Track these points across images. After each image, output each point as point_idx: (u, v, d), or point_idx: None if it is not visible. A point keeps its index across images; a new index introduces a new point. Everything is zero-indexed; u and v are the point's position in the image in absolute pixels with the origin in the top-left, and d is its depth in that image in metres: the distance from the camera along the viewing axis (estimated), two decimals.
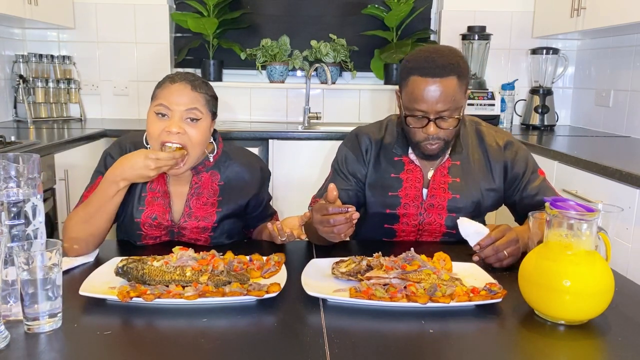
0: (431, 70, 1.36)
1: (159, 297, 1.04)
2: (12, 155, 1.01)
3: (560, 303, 0.97)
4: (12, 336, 0.91)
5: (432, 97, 1.36)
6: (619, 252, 1.84)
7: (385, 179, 1.53)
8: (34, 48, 3.38)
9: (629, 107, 2.95)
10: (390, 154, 1.55)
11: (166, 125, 1.36)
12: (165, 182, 1.47)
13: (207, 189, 1.48)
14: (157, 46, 3.44)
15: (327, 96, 3.59)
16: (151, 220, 1.44)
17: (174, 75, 1.42)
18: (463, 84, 1.40)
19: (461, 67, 1.39)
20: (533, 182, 1.52)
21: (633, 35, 2.91)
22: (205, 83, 1.43)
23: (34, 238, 1.01)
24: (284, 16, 3.56)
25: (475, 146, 1.55)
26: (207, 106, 1.41)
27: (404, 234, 1.55)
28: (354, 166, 1.56)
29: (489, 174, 1.53)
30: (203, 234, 1.48)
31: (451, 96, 1.37)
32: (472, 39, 3.32)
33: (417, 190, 1.52)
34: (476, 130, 1.56)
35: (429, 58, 1.38)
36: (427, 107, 1.38)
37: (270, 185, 1.65)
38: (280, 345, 0.91)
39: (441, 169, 1.52)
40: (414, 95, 1.38)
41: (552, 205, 1.03)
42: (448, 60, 1.37)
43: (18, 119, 3.22)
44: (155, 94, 1.41)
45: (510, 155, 1.53)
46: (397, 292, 1.07)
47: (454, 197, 1.50)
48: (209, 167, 1.49)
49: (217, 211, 1.47)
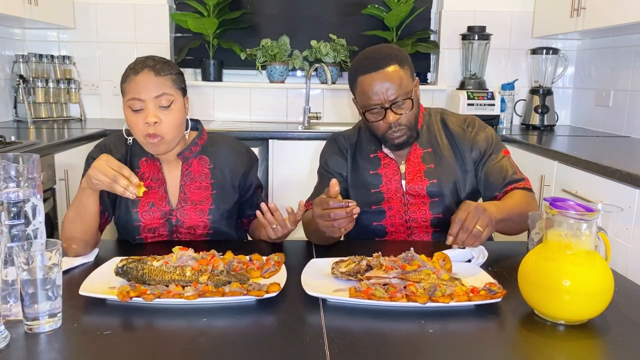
0: (371, 65, 1.46)
1: (158, 297, 1.04)
2: (12, 155, 1.01)
3: (560, 303, 0.97)
4: (12, 336, 0.91)
5: (380, 87, 1.45)
6: (618, 252, 1.84)
7: (365, 177, 1.60)
8: (34, 48, 3.38)
9: (629, 107, 2.95)
10: (366, 151, 1.62)
11: (143, 117, 1.40)
12: (159, 170, 1.51)
13: (198, 173, 1.53)
14: (157, 46, 3.43)
15: (327, 96, 3.59)
16: (149, 208, 1.47)
17: (135, 65, 1.44)
18: (406, 69, 1.47)
19: (398, 55, 1.48)
20: (495, 160, 1.57)
21: (633, 35, 2.91)
22: (167, 62, 1.45)
23: (34, 238, 1.01)
24: (284, 16, 3.56)
25: (441, 132, 1.61)
26: (174, 86, 1.44)
27: (392, 228, 1.57)
28: (336, 166, 1.64)
29: (458, 155, 1.59)
30: (201, 218, 1.50)
31: (398, 82, 1.45)
32: (472, 39, 3.32)
33: (396, 182, 1.57)
34: (441, 119, 1.63)
35: (367, 57, 1.49)
36: (379, 98, 1.45)
37: (270, 185, 1.67)
38: (280, 345, 0.91)
39: (413, 158, 1.57)
40: (364, 92, 1.47)
41: (552, 205, 1.03)
42: (385, 52, 1.48)
43: (18, 119, 3.22)
44: (123, 88, 1.44)
45: (472, 134, 1.59)
46: (396, 292, 1.07)
47: (431, 182, 1.55)
48: (196, 152, 1.53)
49: (211, 194, 1.52)
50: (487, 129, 1.61)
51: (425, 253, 1.22)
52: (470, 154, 1.58)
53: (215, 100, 3.53)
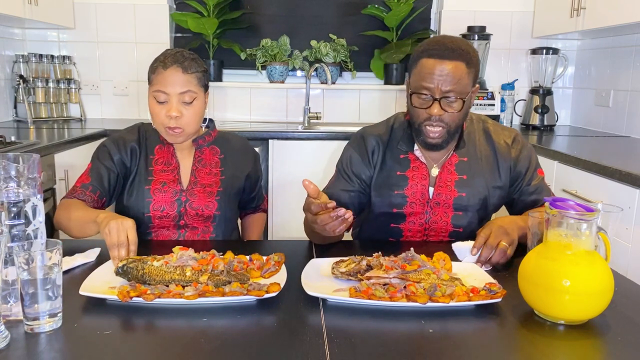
0: (440, 52, 1.39)
1: (159, 297, 1.04)
2: (12, 155, 1.01)
3: (560, 303, 0.97)
4: (12, 336, 0.91)
5: (438, 76, 1.38)
6: (618, 252, 1.84)
7: (391, 177, 1.53)
8: (34, 48, 3.38)
9: (629, 107, 2.95)
10: (396, 151, 1.55)
11: (166, 109, 1.50)
12: (172, 155, 1.59)
13: (209, 160, 1.62)
14: (157, 46, 3.42)
15: (327, 96, 3.59)
16: (160, 186, 1.54)
17: (165, 58, 1.51)
18: (471, 71, 1.41)
19: (471, 55, 1.41)
20: (533, 181, 1.53)
21: (633, 35, 2.91)
22: (195, 60, 1.54)
23: (34, 238, 1.01)
24: (284, 16, 3.56)
25: (482, 143, 1.54)
26: (199, 84, 1.53)
27: (410, 233, 1.55)
28: (358, 168, 1.56)
29: (496, 171, 1.53)
30: (210, 199, 1.56)
31: (457, 78, 1.38)
32: (472, 39, 3.32)
33: (423, 188, 1.51)
34: (483, 128, 1.57)
35: (440, 42, 1.42)
36: (433, 86, 1.39)
37: (270, 185, 1.70)
38: (280, 345, 0.91)
39: (448, 166, 1.52)
40: (421, 74, 1.41)
41: (552, 205, 1.03)
42: (458, 46, 1.41)
43: (18, 119, 3.22)
44: (150, 78, 1.53)
45: (515, 152, 1.54)
46: (397, 292, 1.07)
47: (460, 195, 1.50)
48: (209, 141, 1.63)
49: (220, 179, 1.61)
50: (529, 147, 1.56)
51: (426, 253, 1.22)
52: (509, 172, 1.53)
53: (215, 100, 3.53)
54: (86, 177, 1.53)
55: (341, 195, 1.52)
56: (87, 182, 1.52)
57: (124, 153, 1.56)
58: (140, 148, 1.58)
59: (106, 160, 1.54)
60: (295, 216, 1.65)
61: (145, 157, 1.58)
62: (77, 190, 1.51)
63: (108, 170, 1.53)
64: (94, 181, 1.52)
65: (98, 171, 1.53)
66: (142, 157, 1.57)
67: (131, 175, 1.56)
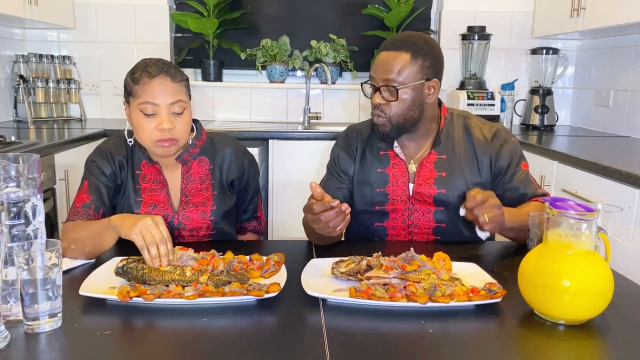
0: (388, 43, 1.47)
1: (159, 297, 1.04)
2: (12, 155, 1.01)
3: (560, 303, 0.97)
4: (12, 336, 0.91)
5: (380, 65, 1.44)
6: (618, 252, 1.84)
7: (372, 174, 1.55)
8: (34, 48, 3.38)
9: (629, 107, 2.95)
10: (376, 148, 1.57)
11: (157, 122, 1.38)
12: (159, 172, 1.50)
13: (198, 175, 1.52)
14: (157, 46, 3.43)
15: (327, 96, 3.59)
16: (151, 209, 1.47)
17: (148, 67, 1.39)
18: (418, 63, 1.43)
19: (419, 45, 1.44)
20: (516, 176, 1.52)
21: (633, 35, 2.91)
22: (177, 68, 1.43)
23: (34, 238, 1.01)
24: (284, 16, 3.55)
25: (461, 139, 1.54)
26: (187, 93, 1.45)
27: (394, 231, 1.55)
28: (345, 165, 1.60)
29: (475, 167, 1.52)
30: (203, 219, 1.50)
31: (397, 68, 1.42)
32: (472, 39, 3.32)
33: (403, 184, 1.53)
34: (464, 124, 1.56)
35: (395, 36, 1.51)
36: (374, 75, 1.46)
37: (270, 185, 1.68)
38: (280, 345, 0.91)
39: (426, 163, 1.53)
40: (373, 64, 1.49)
41: (552, 205, 1.03)
42: (407, 37, 1.47)
43: (18, 119, 3.22)
44: (133, 90, 1.39)
45: (496, 148, 1.53)
46: (396, 292, 1.07)
47: (439, 192, 1.51)
48: (195, 154, 1.51)
49: (212, 194, 1.52)
50: (512, 140, 1.54)
51: (425, 253, 1.22)
52: (490, 167, 1.52)
53: (215, 100, 3.53)
54: (86, 195, 1.45)
55: (334, 194, 1.53)
56: (89, 200, 1.44)
57: (114, 167, 1.49)
58: (128, 164, 1.50)
59: (100, 176, 1.47)
60: (295, 216, 1.65)
61: (132, 173, 1.50)
62: (79, 212, 1.42)
63: (106, 187, 1.47)
64: (95, 200, 1.44)
65: (97, 188, 1.46)
66: (130, 173, 1.50)
67: (120, 190, 1.50)
